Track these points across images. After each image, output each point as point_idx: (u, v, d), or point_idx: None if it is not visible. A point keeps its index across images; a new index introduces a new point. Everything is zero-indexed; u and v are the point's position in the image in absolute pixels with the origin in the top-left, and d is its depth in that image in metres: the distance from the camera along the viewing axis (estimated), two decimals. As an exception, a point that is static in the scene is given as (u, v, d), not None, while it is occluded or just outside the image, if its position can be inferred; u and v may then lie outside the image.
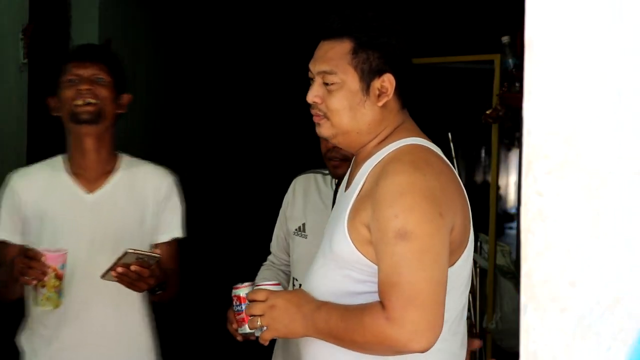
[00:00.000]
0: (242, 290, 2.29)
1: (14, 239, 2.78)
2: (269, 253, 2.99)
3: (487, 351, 4.65)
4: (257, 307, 2.00)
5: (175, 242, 2.85)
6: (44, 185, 2.79)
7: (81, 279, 2.70)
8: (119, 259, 2.48)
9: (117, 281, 2.52)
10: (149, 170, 2.85)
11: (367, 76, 2.00)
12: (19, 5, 3.90)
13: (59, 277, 2.52)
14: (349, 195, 2.00)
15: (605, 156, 1.10)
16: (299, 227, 2.80)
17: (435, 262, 1.85)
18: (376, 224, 1.88)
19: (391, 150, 1.99)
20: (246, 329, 2.23)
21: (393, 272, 1.84)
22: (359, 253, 1.93)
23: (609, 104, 1.10)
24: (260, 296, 2.01)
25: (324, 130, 2.05)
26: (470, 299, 4.70)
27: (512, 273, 4.82)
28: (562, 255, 1.12)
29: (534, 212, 1.13)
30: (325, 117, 2.03)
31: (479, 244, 4.85)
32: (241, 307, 2.29)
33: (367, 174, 1.99)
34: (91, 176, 2.79)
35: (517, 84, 3.79)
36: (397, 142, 2.00)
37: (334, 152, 2.66)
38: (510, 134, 9.41)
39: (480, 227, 4.95)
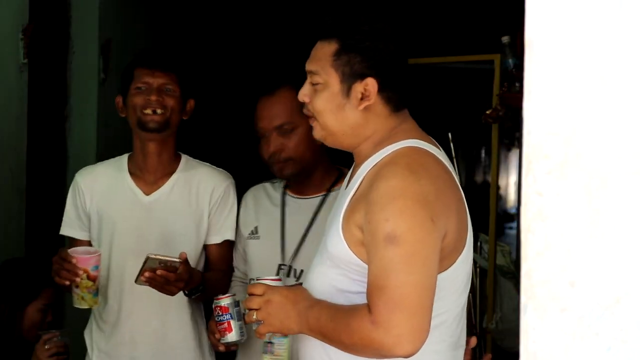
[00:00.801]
0: (224, 301, 2.38)
1: (80, 235, 2.87)
2: None
3: (487, 351, 4.64)
4: (254, 300, 2.00)
5: (227, 243, 2.88)
6: (107, 184, 2.86)
7: (132, 277, 2.74)
8: (144, 264, 2.54)
9: (149, 285, 2.58)
10: (206, 172, 2.91)
11: (348, 79, 1.99)
12: (19, 5, 3.90)
13: (92, 279, 2.60)
14: (346, 195, 2.00)
15: (605, 156, 1.10)
16: (252, 231, 2.84)
17: (424, 267, 1.84)
18: (368, 227, 1.88)
19: (389, 153, 1.98)
20: (228, 338, 2.27)
21: (381, 275, 1.84)
22: (353, 254, 1.93)
23: (609, 104, 1.10)
24: (258, 290, 2.01)
25: (316, 132, 2.07)
26: (471, 299, 4.70)
27: (512, 273, 4.82)
28: (562, 255, 1.12)
29: (534, 212, 1.13)
30: (314, 118, 2.04)
31: (479, 244, 4.84)
32: (223, 318, 2.34)
33: (364, 175, 1.99)
34: (151, 178, 2.86)
35: (517, 84, 3.79)
36: (396, 144, 1.99)
37: (274, 156, 2.72)
38: (510, 134, 9.40)
39: (480, 227, 4.94)
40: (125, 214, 2.83)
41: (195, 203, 2.85)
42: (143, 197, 2.84)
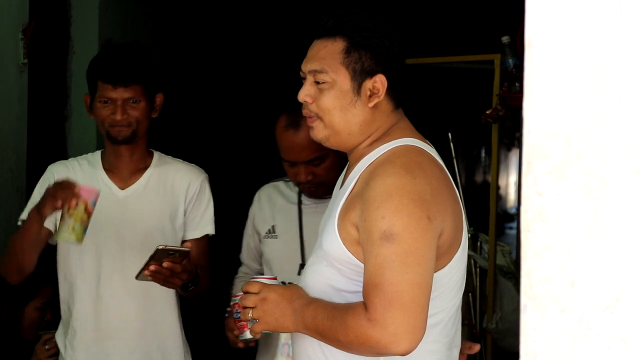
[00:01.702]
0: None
1: (46, 223, 2.78)
2: None
3: (487, 351, 4.65)
4: (249, 299, 2.00)
5: (206, 238, 2.91)
6: (81, 179, 2.82)
7: (111, 272, 2.78)
8: (151, 257, 2.52)
9: (151, 280, 2.57)
10: (180, 168, 2.91)
11: (359, 76, 1.99)
12: (19, 5, 3.90)
13: (88, 212, 2.54)
14: (341, 194, 2.00)
15: (605, 156, 1.10)
16: (269, 230, 2.86)
17: (419, 265, 1.84)
18: (363, 225, 1.88)
19: (384, 151, 1.98)
20: (247, 335, 2.25)
21: (376, 273, 1.83)
22: (348, 252, 1.93)
23: (609, 104, 1.10)
24: (253, 288, 2.01)
25: (317, 132, 2.04)
26: (471, 299, 4.70)
27: (512, 273, 4.82)
28: (562, 255, 1.12)
29: (534, 212, 1.13)
30: (318, 117, 2.02)
31: (479, 244, 4.84)
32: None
33: (360, 174, 1.99)
34: (124, 174, 2.86)
35: (517, 84, 3.79)
36: (391, 142, 1.99)
37: (306, 183, 2.73)
38: (510, 134, 9.42)
39: (480, 227, 4.95)
40: (100, 208, 2.76)
41: (170, 198, 2.85)
42: (118, 191, 2.84)
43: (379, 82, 1.99)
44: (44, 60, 4.27)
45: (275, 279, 2.16)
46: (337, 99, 2.00)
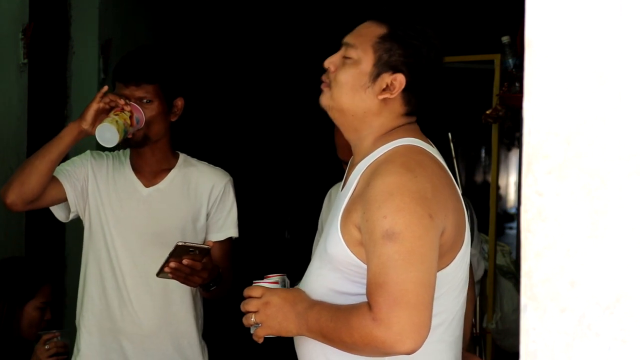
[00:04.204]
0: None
1: (67, 186, 2.83)
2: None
3: (487, 351, 4.65)
4: (252, 303, 2.00)
5: (229, 241, 2.92)
6: (111, 173, 2.89)
7: (132, 268, 2.81)
8: (171, 253, 2.52)
9: (172, 277, 2.58)
10: (204, 170, 2.93)
11: (382, 66, 1.99)
12: (19, 5, 3.90)
13: (132, 122, 2.68)
14: (343, 197, 2.00)
15: (605, 156, 1.10)
16: None
17: (423, 264, 1.84)
18: (366, 225, 1.88)
19: (386, 151, 1.98)
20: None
21: (380, 272, 1.83)
22: (352, 254, 1.92)
23: (609, 104, 1.10)
24: (255, 293, 2.01)
25: (324, 98, 2.05)
26: (475, 298, 4.70)
27: (512, 273, 4.82)
28: (562, 255, 1.12)
29: (534, 212, 1.13)
30: (330, 86, 2.03)
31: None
32: None
33: (360, 175, 1.98)
34: (149, 172, 2.89)
35: (517, 84, 3.78)
36: (393, 142, 1.99)
37: None
38: (510, 134, 9.41)
39: (480, 227, 4.95)
40: (123, 204, 2.85)
41: (193, 199, 2.87)
42: (142, 188, 2.87)
43: (398, 80, 1.99)
44: (44, 60, 4.27)
45: (277, 283, 2.15)
46: (352, 77, 2.00)
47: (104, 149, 2.75)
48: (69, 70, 4.56)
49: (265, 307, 1.97)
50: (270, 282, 2.13)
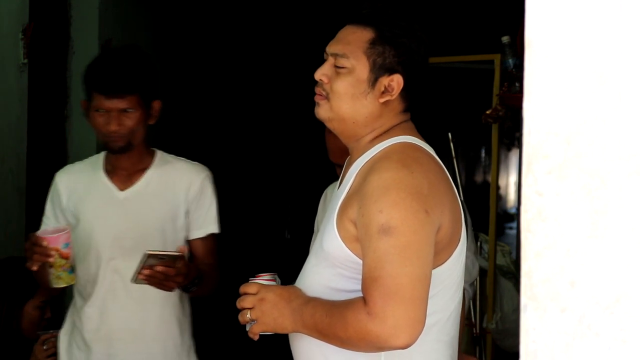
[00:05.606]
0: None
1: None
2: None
3: (487, 351, 4.65)
4: (247, 300, 2.00)
5: (212, 237, 2.89)
6: (83, 184, 2.87)
7: (109, 274, 2.79)
8: (142, 262, 2.52)
9: (147, 283, 2.57)
10: (181, 167, 2.89)
11: (378, 70, 1.99)
12: (19, 5, 3.90)
13: (64, 257, 2.58)
14: (340, 193, 2.00)
15: (605, 156, 1.10)
16: None
17: (418, 258, 1.84)
18: (362, 219, 1.88)
19: (382, 148, 1.98)
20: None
21: (376, 267, 1.83)
22: (348, 250, 1.92)
23: (609, 104, 1.10)
24: (251, 289, 2.01)
25: (321, 111, 2.03)
26: (471, 299, 4.70)
27: (512, 273, 4.82)
28: (562, 255, 1.12)
29: (534, 212, 1.13)
30: (327, 98, 2.02)
31: (479, 244, 4.84)
32: None
33: (357, 172, 1.99)
34: (124, 175, 2.86)
35: (517, 84, 3.79)
36: (389, 140, 2.00)
37: None
38: (510, 134, 9.41)
39: (480, 227, 4.95)
40: (100, 210, 2.82)
41: (171, 198, 2.84)
42: (118, 193, 2.84)
43: (396, 81, 1.99)
44: (44, 60, 4.27)
45: (272, 280, 2.16)
46: (351, 86, 2.00)
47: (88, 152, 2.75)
48: (69, 70, 4.56)
49: (261, 304, 1.98)
50: (266, 279, 2.13)
